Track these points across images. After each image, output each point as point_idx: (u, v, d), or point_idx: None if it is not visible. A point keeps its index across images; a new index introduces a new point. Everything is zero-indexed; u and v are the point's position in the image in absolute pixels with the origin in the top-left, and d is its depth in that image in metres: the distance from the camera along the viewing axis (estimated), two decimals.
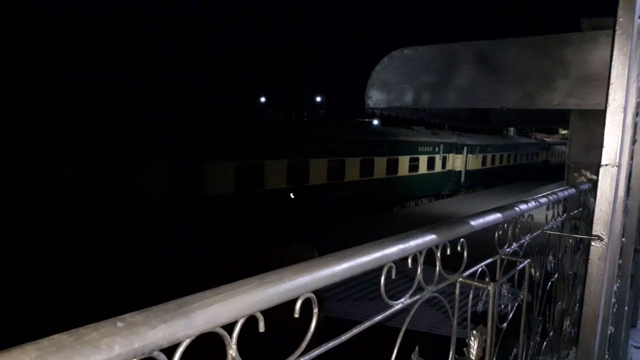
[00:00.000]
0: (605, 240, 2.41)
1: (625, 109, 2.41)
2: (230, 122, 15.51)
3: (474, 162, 27.60)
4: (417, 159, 22.12)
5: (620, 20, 2.35)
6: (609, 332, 2.81)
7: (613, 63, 2.36)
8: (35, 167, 9.32)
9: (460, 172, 26.28)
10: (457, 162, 25.82)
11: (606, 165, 2.43)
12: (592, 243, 2.45)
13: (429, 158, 23.06)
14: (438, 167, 23.95)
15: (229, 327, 0.84)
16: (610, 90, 2.37)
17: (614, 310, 2.96)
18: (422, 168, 22.60)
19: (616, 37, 2.34)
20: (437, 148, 23.64)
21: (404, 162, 21.07)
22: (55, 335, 0.62)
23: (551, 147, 43.39)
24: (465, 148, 26.37)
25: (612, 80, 2.36)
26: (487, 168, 29.67)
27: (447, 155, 24.84)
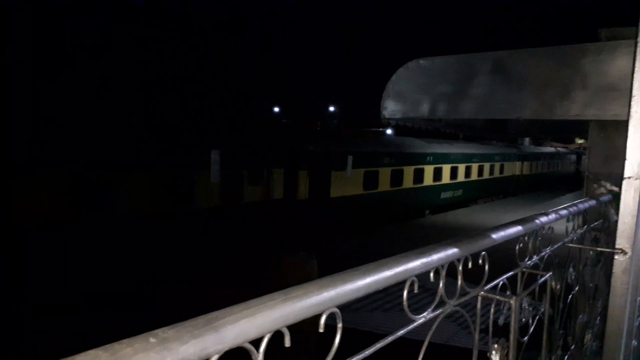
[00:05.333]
0: (629, 253, 2.37)
1: None
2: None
3: (342, 183, 15.56)
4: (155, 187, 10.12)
5: None
6: (633, 345, 2.76)
7: (635, 74, 2.33)
8: None
9: (302, 202, 14.09)
10: (300, 183, 14.04)
11: (629, 177, 2.40)
12: (616, 256, 2.41)
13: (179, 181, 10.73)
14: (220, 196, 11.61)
15: (256, 342, 0.85)
16: (632, 102, 2.34)
17: (637, 323, 2.90)
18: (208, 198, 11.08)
19: (638, 48, 2.32)
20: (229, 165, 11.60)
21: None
22: (91, 351, 0.64)
23: (533, 156, 31.47)
24: (311, 160, 14.43)
25: (635, 92, 2.34)
26: (381, 192, 17.53)
27: (256, 174, 12.78)
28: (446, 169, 21.88)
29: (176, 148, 11.01)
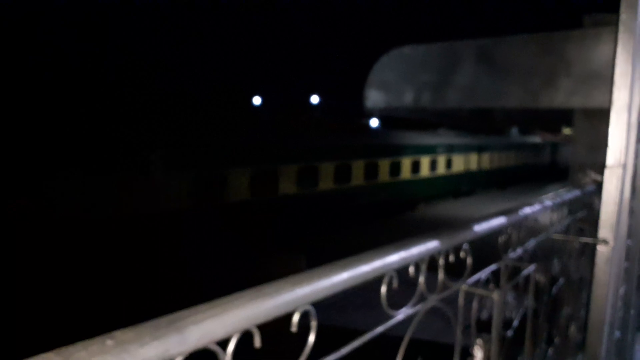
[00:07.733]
0: (611, 243, 2.37)
1: (630, 107, 2.38)
2: None
3: (148, 193, 10.66)
4: None
5: (622, 17, 2.32)
6: (616, 336, 2.77)
7: (616, 61, 2.33)
8: None
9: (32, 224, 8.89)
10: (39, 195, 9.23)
11: (611, 166, 2.39)
12: (598, 247, 2.41)
13: None
14: None
15: (224, 343, 0.82)
16: (614, 89, 2.34)
17: (621, 314, 2.92)
18: None
19: (619, 35, 2.31)
20: None
21: None
22: (43, 355, 0.62)
23: (498, 146, 25.72)
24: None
25: (616, 78, 2.33)
26: (233, 204, 12.23)
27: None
28: (358, 166, 15.73)
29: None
